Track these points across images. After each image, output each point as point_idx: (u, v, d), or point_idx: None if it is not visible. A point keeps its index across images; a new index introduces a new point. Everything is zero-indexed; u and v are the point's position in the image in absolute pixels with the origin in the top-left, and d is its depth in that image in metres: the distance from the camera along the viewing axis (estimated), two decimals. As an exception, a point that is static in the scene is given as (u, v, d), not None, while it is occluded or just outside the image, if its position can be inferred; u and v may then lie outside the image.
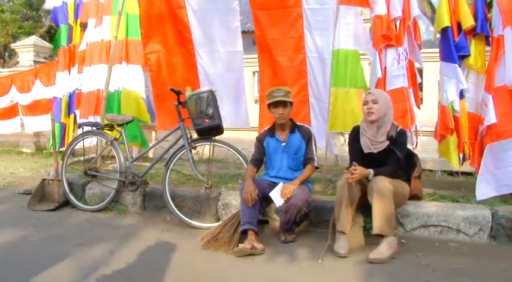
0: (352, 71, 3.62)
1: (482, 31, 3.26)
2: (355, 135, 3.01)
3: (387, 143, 2.85)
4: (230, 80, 4.18)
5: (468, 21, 3.27)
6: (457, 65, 3.30)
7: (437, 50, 3.52)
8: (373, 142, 2.87)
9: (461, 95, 3.34)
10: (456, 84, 3.29)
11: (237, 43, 4.11)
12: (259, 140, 3.23)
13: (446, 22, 3.32)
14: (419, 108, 3.77)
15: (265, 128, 3.30)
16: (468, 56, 3.32)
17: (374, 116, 2.85)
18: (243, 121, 4.25)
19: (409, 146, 3.29)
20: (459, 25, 3.33)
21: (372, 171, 2.76)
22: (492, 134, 3.07)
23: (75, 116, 5.59)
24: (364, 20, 3.76)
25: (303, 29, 3.81)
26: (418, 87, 3.85)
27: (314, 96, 3.92)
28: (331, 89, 3.64)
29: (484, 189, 3.11)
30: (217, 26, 4.11)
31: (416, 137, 3.59)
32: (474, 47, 3.30)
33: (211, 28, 4.15)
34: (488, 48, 3.32)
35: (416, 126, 3.58)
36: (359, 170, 2.73)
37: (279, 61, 3.97)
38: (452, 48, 3.32)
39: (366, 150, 2.89)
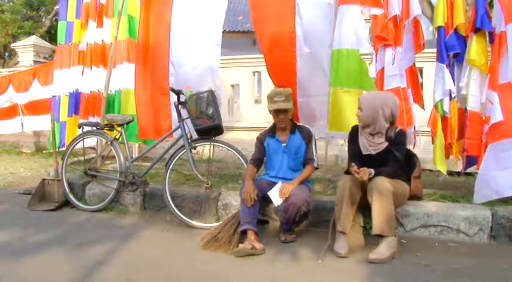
0: (352, 71, 3.57)
1: (483, 26, 3.17)
2: (354, 135, 3.01)
3: (386, 144, 2.84)
4: (208, 80, 3.97)
5: (459, 19, 3.25)
6: (444, 65, 3.29)
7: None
8: (372, 143, 2.87)
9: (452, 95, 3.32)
10: (442, 85, 3.29)
11: (217, 40, 3.95)
12: (260, 140, 3.23)
13: (440, 21, 3.32)
14: (423, 108, 3.75)
15: (266, 128, 3.29)
16: (458, 54, 3.29)
17: (361, 122, 2.90)
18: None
19: (409, 147, 3.29)
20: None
21: (373, 171, 2.75)
22: (495, 133, 3.01)
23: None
24: (364, 19, 3.74)
25: (295, 25, 3.61)
26: (420, 87, 3.82)
27: (304, 95, 3.72)
28: (330, 89, 3.61)
29: (482, 192, 3.05)
30: (199, 22, 3.98)
31: (415, 138, 3.56)
32: (476, 44, 3.21)
33: (191, 22, 4.02)
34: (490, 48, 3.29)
35: (415, 127, 3.54)
36: (364, 170, 2.72)
37: (271, 58, 3.78)
38: (442, 48, 3.32)
39: (364, 152, 2.88)
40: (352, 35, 3.55)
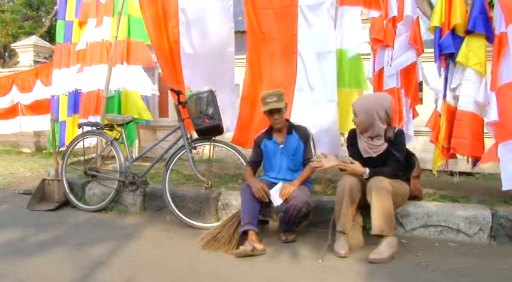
0: (353, 72, 3.60)
1: (475, 28, 3.18)
2: (352, 138, 2.99)
3: (386, 145, 2.83)
4: (222, 82, 3.94)
5: (455, 19, 3.26)
6: (436, 64, 3.34)
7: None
8: (372, 146, 2.86)
9: (444, 95, 3.36)
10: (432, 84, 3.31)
11: (229, 44, 3.99)
12: (256, 143, 3.23)
13: (436, 22, 3.33)
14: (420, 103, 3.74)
15: (263, 130, 3.28)
16: (453, 54, 3.30)
17: (359, 128, 2.90)
18: (231, 124, 4.02)
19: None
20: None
21: (367, 170, 2.76)
22: (504, 133, 3.00)
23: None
24: (363, 20, 3.75)
25: (297, 27, 3.67)
26: (411, 85, 3.77)
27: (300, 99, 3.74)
28: (337, 89, 3.59)
29: (510, 178, 2.93)
30: (210, 27, 3.99)
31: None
32: (466, 45, 3.23)
33: (202, 29, 4.02)
34: (490, 48, 3.27)
35: (402, 125, 3.53)
36: (354, 165, 2.75)
37: (271, 61, 3.82)
38: (435, 48, 3.34)
39: (365, 155, 2.86)
40: (354, 35, 3.55)
